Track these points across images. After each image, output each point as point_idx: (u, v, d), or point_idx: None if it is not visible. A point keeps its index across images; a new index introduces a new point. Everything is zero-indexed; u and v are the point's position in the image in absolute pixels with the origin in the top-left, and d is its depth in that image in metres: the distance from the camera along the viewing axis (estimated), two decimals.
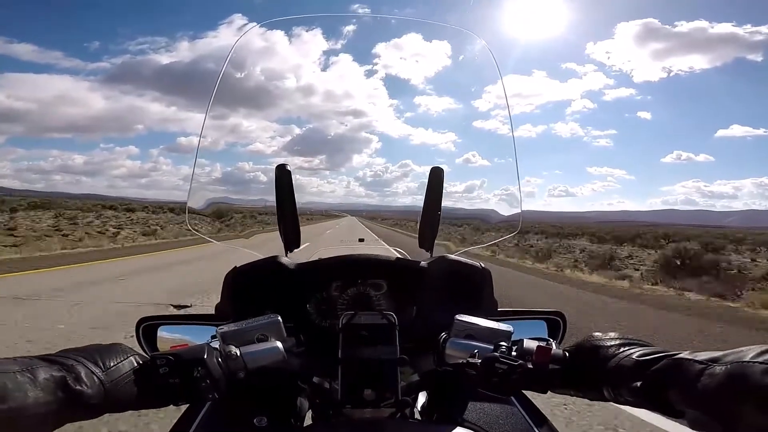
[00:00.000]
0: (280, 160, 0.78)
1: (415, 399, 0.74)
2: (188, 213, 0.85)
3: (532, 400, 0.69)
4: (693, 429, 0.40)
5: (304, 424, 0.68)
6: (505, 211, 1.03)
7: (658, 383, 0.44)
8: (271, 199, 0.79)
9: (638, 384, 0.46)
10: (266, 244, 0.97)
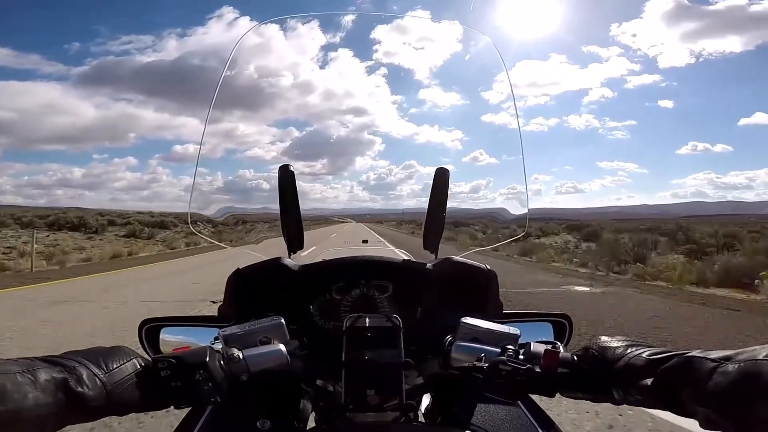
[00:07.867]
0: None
1: (419, 402, 0.74)
2: (191, 220, 0.86)
3: (538, 403, 0.68)
4: (704, 428, 0.39)
5: (307, 427, 0.68)
6: (512, 210, 1.01)
7: (668, 382, 0.43)
8: (273, 206, 0.80)
9: (648, 383, 0.44)
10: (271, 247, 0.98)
